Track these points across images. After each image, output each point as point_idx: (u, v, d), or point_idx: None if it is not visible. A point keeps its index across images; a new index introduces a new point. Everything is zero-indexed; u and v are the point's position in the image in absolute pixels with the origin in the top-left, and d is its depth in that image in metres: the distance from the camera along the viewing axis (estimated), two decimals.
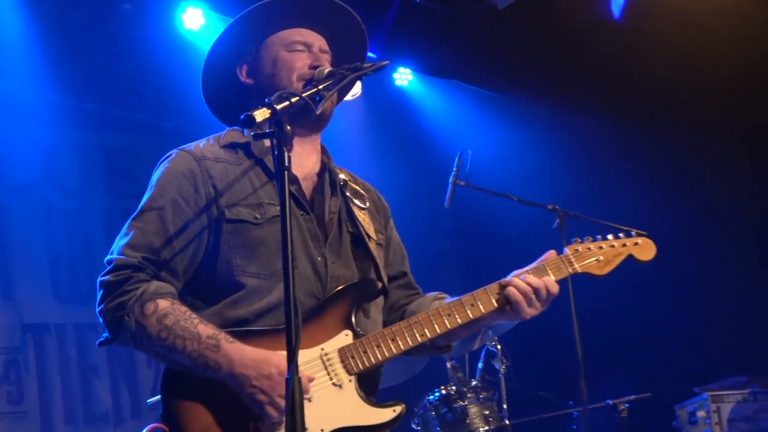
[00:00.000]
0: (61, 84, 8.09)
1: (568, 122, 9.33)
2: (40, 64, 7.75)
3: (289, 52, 3.43)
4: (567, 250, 3.49)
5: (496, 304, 3.32)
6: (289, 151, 2.73)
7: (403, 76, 9.67)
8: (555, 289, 3.34)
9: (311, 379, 3.08)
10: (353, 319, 3.23)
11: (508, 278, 3.35)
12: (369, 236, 3.45)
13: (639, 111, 9.13)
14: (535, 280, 3.31)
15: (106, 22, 7.80)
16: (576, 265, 3.47)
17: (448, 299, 3.46)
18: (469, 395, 6.64)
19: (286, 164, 2.71)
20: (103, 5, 7.75)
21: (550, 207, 6.91)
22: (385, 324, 3.49)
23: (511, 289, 3.30)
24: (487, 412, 6.60)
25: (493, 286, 3.35)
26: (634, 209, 8.66)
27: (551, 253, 3.47)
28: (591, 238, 3.55)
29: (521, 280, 3.32)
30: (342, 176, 3.53)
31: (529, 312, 3.31)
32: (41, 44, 7.66)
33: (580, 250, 3.50)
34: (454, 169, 6.93)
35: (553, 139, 9.54)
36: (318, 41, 3.51)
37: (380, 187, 3.77)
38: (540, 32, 8.75)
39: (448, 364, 6.91)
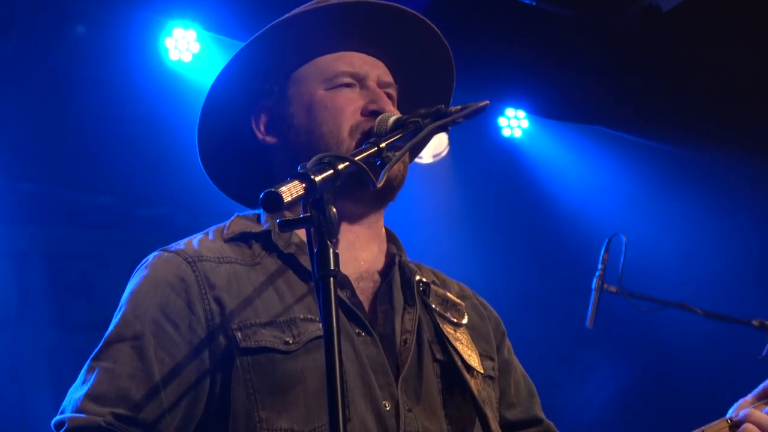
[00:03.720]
0: None
1: None
2: None
3: (331, 90, 3.43)
4: None
5: None
6: (336, 246, 2.66)
7: (515, 122, 9.74)
8: None
9: None
10: None
11: (742, 413, 3.39)
12: (470, 368, 3.37)
13: None
14: None
15: (50, 56, 7.91)
16: None
17: None
18: None
19: (333, 267, 2.63)
20: (44, 31, 7.83)
21: (755, 323, 6.89)
22: None
23: (751, 428, 3.35)
24: None
25: (719, 425, 3.40)
26: None
27: None
28: None
29: (765, 413, 3.37)
30: (420, 276, 3.48)
31: None
32: None
33: None
34: (600, 265, 6.94)
35: (757, 214, 9.48)
36: (375, 69, 3.51)
37: (484, 293, 3.76)
38: (729, 45, 8.72)
39: None
